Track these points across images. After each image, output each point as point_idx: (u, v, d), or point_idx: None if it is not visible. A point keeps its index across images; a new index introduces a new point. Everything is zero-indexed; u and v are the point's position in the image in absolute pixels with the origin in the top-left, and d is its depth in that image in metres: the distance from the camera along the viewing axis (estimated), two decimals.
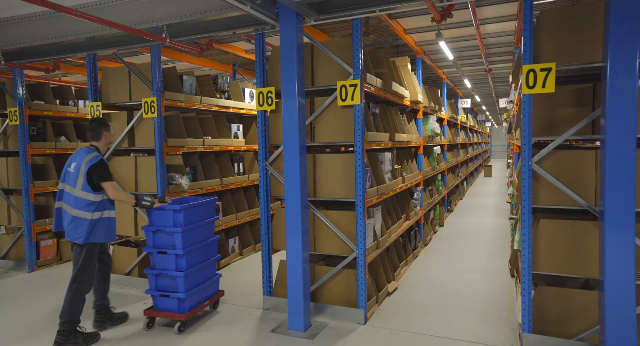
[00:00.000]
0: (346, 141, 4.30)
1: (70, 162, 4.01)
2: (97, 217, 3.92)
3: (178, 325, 4.14)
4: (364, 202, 4.23)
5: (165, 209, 4.15)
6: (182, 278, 4.12)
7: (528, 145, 3.55)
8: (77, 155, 4.00)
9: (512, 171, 9.25)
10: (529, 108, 3.53)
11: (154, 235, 4.23)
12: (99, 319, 4.27)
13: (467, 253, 6.89)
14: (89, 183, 3.87)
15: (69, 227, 3.92)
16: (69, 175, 3.97)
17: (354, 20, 4.14)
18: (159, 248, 4.21)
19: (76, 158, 3.97)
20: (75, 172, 3.91)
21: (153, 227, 4.21)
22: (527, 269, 3.59)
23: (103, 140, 4.09)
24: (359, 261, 4.28)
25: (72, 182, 3.92)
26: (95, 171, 3.87)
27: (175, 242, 4.15)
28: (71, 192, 3.92)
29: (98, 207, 3.92)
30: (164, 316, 4.20)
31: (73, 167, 3.95)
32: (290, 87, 4.02)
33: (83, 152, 3.99)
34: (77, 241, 3.87)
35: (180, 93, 5.50)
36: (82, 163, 3.89)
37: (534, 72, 3.41)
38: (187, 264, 4.18)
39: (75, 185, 3.89)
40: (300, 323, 4.12)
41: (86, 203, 3.87)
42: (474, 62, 8.62)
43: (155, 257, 4.22)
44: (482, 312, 4.54)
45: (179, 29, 4.75)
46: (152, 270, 4.23)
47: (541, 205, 3.60)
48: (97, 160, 3.90)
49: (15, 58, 5.88)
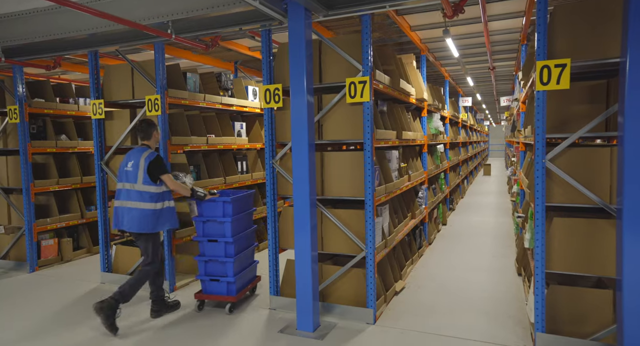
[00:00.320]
0: (355, 138, 4.24)
1: (126, 161, 4.32)
2: (159, 207, 4.26)
3: (228, 306, 4.53)
4: (373, 200, 4.17)
5: (216, 200, 4.50)
6: (231, 263, 4.53)
7: (541, 142, 3.50)
8: (132, 155, 4.32)
9: (515, 169, 9.23)
10: (542, 104, 3.48)
11: (204, 225, 4.60)
12: (156, 308, 4.50)
13: (472, 252, 6.85)
14: (150, 177, 4.19)
15: (135, 220, 4.21)
16: (127, 173, 4.28)
17: (363, 16, 4.08)
18: (209, 236, 4.58)
19: (132, 157, 4.29)
20: (133, 169, 4.23)
21: (203, 217, 4.58)
22: (540, 268, 3.55)
23: (153, 139, 4.45)
24: (368, 260, 4.22)
25: (132, 178, 4.23)
26: (155, 165, 4.21)
27: (225, 230, 4.53)
28: (132, 187, 4.24)
29: (159, 198, 4.26)
30: (214, 298, 4.59)
31: (130, 165, 4.26)
32: (299, 84, 3.96)
33: (138, 151, 4.31)
34: (145, 231, 4.22)
35: (184, 91, 5.43)
36: (140, 160, 4.22)
37: (547, 68, 3.36)
38: (235, 250, 4.57)
39: (136, 181, 4.21)
40: (309, 323, 4.06)
41: (149, 196, 4.20)
42: (478, 59, 8.57)
43: (205, 245, 4.61)
44: (491, 311, 4.50)
45: (184, 25, 4.67)
46: (201, 257, 4.60)
47: (554, 203, 3.56)
48: (154, 156, 4.24)
49: (15, 55, 5.79)
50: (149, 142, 4.42)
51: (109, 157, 5.54)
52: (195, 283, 5.54)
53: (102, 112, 5.48)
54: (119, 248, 5.67)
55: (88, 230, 7.21)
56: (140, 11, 4.35)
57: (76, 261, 6.71)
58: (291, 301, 4.56)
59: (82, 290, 5.37)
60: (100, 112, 5.48)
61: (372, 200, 4.17)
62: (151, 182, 4.21)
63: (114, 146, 5.46)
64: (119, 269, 5.63)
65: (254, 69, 8.86)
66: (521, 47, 6.43)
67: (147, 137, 4.42)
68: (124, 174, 4.30)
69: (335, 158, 4.37)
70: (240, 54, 7.36)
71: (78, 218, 6.86)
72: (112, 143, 5.54)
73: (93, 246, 7.16)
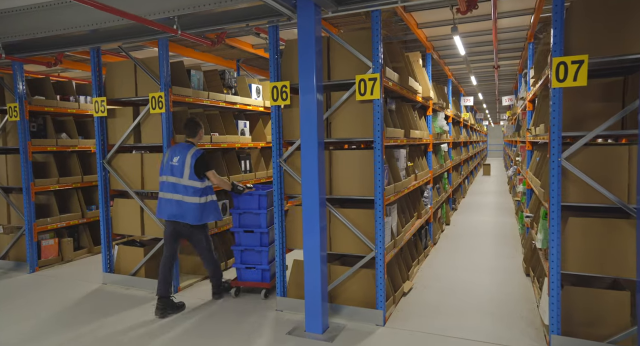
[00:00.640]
0: (364, 137, 4.16)
1: (172, 156, 4.54)
2: (203, 201, 4.52)
3: (264, 291, 4.91)
4: (383, 199, 4.10)
5: (252, 194, 4.89)
6: (266, 252, 4.90)
7: (557, 141, 3.43)
8: (177, 150, 4.55)
9: (519, 168, 9.17)
10: (558, 102, 3.41)
11: (240, 216, 4.97)
12: (160, 306, 4.47)
13: (477, 252, 6.79)
14: (195, 173, 4.43)
15: (180, 212, 4.48)
16: (172, 167, 4.51)
17: (373, 12, 4.01)
18: (245, 227, 4.94)
19: (178, 153, 4.52)
20: (179, 165, 4.47)
21: (240, 209, 4.95)
22: (555, 269, 3.48)
23: (197, 137, 4.70)
24: (377, 261, 4.15)
25: (178, 173, 4.48)
26: (200, 162, 4.46)
27: (260, 221, 4.91)
28: (178, 182, 4.49)
29: (203, 192, 4.51)
30: (250, 285, 4.96)
31: (175, 160, 4.50)
32: (308, 81, 3.88)
33: (183, 147, 4.55)
34: (192, 222, 4.49)
35: (188, 89, 5.34)
36: (186, 157, 4.46)
37: (564, 65, 3.30)
38: (269, 240, 4.93)
39: (182, 176, 4.46)
40: (318, 325, 3.98)
41: (193, 190, 4.45)
42: (483, 57, 8.51)
43: (241, 235, 4.96)
44: (502, 312, 4.43)
45: (190, 21, 4.58)
46: (237, 247, 4.96)
47: (569, 202, 3.49)
48: (200, 153, 4.49)
49: (16, 51, 5.69)
50: (194, 140, 4.68)
51: (112, 155, 5.44)
52: (200, 283, 5.46)
53: (104, 110, 5.38)
54: (121, 248, 5.57)
55: (89, 230, 7.11)
56: (146, 6, 4.26)
57: (77, 262, 6.61)
58: (298, 302, 4.48)
59: (84, 290, 5.28)
60: (102, 110, 5.38)
61: (382, 200, 4.10)
62: (196, 177, 4.45)
63: (117, 144, 5.37)
64: (121, 269, 5.53)
65: (257, 67, 8.77)
66: (528, 45, 6.36)
67: (192, 135, 4.66)
68: (168, 168, 4.53)
69: (344, 157, 4.29)
70: (243, 52, 7.28)
71: (79, 217, 6.76)
72: (114, 142, 5.44)
73: (94, 246, 7.07)
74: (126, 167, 5.41)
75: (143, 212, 5.32)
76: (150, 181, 5.27)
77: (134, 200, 5.35)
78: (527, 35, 6.53)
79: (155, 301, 4.66)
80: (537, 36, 6.22)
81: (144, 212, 5.31)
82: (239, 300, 4.86)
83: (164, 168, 4.60)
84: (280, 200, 4.53)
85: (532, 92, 5.73)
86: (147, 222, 5.33)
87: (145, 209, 5.25)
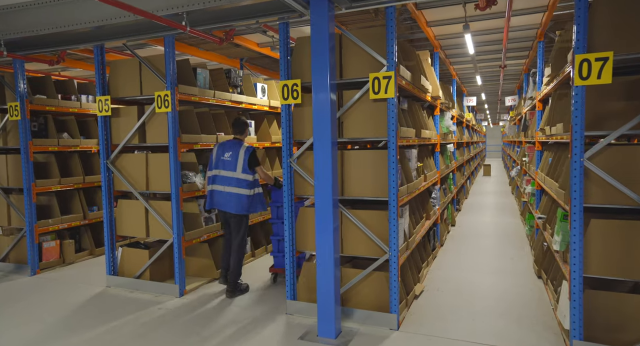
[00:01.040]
0: (377, 136, 4.06)
1: (222, 152, 4.91)
2: (252, 193, 4.88)
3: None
4: (397, 200, 4.00)
5: None
6: None
7: (580, 140, 3.34)
8: (229, 146, 4.92)
9: (523, 168, 9.09)
10: (581, 100, 3.32)
11: (277, 209, 5.31)
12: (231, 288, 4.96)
13: (485, 253, 6.70)
14: (248, 167, 4.79)
15: (232, 203, 4.83)
16: (223, 162, 4.88)
17: (388, 8, 3.90)
18: (281, 219, 5.23)
19: (229, 149, 4.90)
20: (232, 160, 4.84)
21: (277, 202, 5.30)
22: (577, 272, 3.39)
23: (245, 134, 5.07)
24: (391, 263, 4.05)
25: (231, 167, 4.84)
26: (252, 158, 4.83)
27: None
28: (231, 175, 4.84)
29: (252, 185, 4.86)
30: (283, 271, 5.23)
31: (227, 155, 4.87)
32: (322, 79, 3.78)
33: (235, 143, 4.93)
34: (240, 212, 4.85)
35: (194, 87, 5.22)
36: (239, 152, 4.84)
37: (587, 62, 3.21)
38: None
39: (235, 169, 4.82)
40: (331, 329, 3.88)
41: (246, 183, 4.82)
42: (490, 57, 8.42)
43: (278, 226, 5.32)
44: (517, 315, 4.34)
45: (199, 17, 4.47)
46: (275, 237, 5.31)
47: (591, 204, 3.40)
48: (252, 149, 4.83)
49: (17, 48, 5.56)
50: (242, 137, 5.04)
51: (116, 155, 5.32)
52: (206, 286, 5.34)
53: (108, 109, 5.26)
54: (125, 251, 5.45)
55: (90, 231, 6.98)
56: (155, 2, 4.14)
57: (78, 264, 6.48)
58: (308, 305, 4.37)
59: (88, 293, 5.16)
60: (106, 109, 5.26)
61: (396, 201, 3.99)
62: (248, 171, 4.81)
63: (121, 144, 5.24)
64: (125, 272, 5.41)
65: (260, 66, 8.67)
66: (538, 43, 6.27)
67: (241, 133, 5.03)
68: (220, 162, 4.90)
69: (356, 157, 4.19)
70: (248, 51, 7.18)
71: (80, 219, 6.63)
72: (118, 142, 5.32)
73: (95, 248, 6.94)
74: (130, 168, 5.29)
75: (148, 213, 5.21)
76: (155, 182, 5.15)
77: (139, 201, 5.23)
78: (537, 33, 6.44)
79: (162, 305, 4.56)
80: (548, 35, 6.13)
81: (149, 213, 5.19)
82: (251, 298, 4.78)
83: (213, 163, 4.94)
84: (291, 201, 4.43)
85: (543, 92, 5.64)
86: (152, 224, 5.21)
87: (150, 210, 5.13)
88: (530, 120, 7.65)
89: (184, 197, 5.10)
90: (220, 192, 4.90)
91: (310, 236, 4.39)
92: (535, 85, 6.78)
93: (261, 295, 5.00)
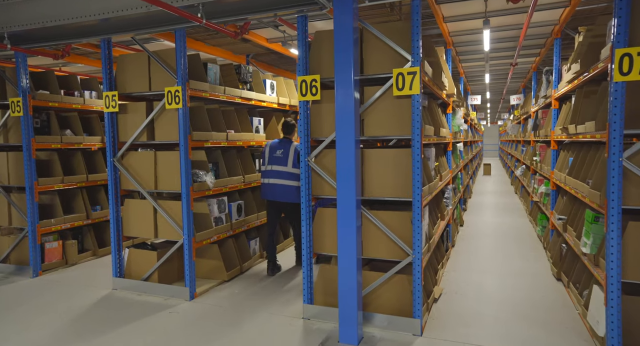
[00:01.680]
0: (400, 134, 3.90)
1: (274, 149, 5.51)
2: (298, 184, 5.36)
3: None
4: (421, 201, 3.84)
5: None
6: None
7: (618, 139, 3.20)
8: (280, 144, 5.52)
9: (532, 168, 8.97)
10: (620, 97, 3.17)
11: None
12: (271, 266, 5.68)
13: (498, 254, 6.57)
14: (297, 162, 5.31)
15: (287, 193, 5.42)
16: (276, 158, 5.47)
17: (414, 1, 3.74)
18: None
19: (281, 147, 5.49)
20: (284, 156, 5.45)
21: None
22: (615, 277, 3.25)
23: (293, 134, 5.62)
24: (415, 266, 3.89)
25: (283, 162, 5.43)
26: (299, 154, 5.13)
27: None
28: (284, 169, 5.42)
29: (299, 178, 5.33)
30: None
31: (279, 152, 5.47)
32: (345, 74, 3.62)
33: (285, 142, 5.54)
34: (293, 201, 5.44)
35: (205, 83, 5.04)
36: (290, 149, 5.46)
37: (629, 57, 3.06)
38: None
39: (287, 164, 5.42)
40: (353, 335, 3.72)
41: (296, 176, 5.39)
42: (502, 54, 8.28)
43: None
44: (542, 319, 4.20)
45: (215, 9, 4.28)
46: None
47: (630, 206, 3.26)
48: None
49: (21, 42, 5.35)
50: (291, 136, 5.61)
51: (123, 153, 5.13)
52: (216, 288, 5.16)
53: (115, 105, 5.07)
54: (132, 252, 5.26)
55: (93, 231, 6.78)
56: None
57: (81, 265, 6.29)
58: (326, 310, 4.21)
59: (94, 296, 4.97)
60: (113, 105, 5.07)
61: (420, 201, 3.84)
62: (297, 166, 5.33)
63: (128, 142, 5.05)
64: (132, 274, 5.23)
65: (267, 62, 8.49)
66: (554, 41, 6.12)
67: (290, 133, 5.61)
68: (273, 159, 5.48)
69: (377, 156, 4.02)
70: (255, 46, 7.00)
71: (83, 218, 6.44)
72: (125, 139, 5.13)
73: (99, 248, 6.74)
74: (138, 166, 5.10)
75: (157, 213, 5.02)
76: (164, 181, 4.97)
77: (147, 200, 5.04)
78: (553, 30, 6.30)
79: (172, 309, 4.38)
80: (565, 31, 5.99)
81: (157, 214, 5.01)
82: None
83: (266, 159, 5.53)
84: (308, 202, 4.26)
85: (562, 90, 5.50)
86: (161, 224, 5.02)
87: (160, 210, 4.94)
88: (542, 119, 7.51)
89: (194, 196, 4.92)
90: (273, 184, 5.46)
91: (327, 237, 4.22)
92: (550, 83, 6.65)
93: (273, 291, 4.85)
